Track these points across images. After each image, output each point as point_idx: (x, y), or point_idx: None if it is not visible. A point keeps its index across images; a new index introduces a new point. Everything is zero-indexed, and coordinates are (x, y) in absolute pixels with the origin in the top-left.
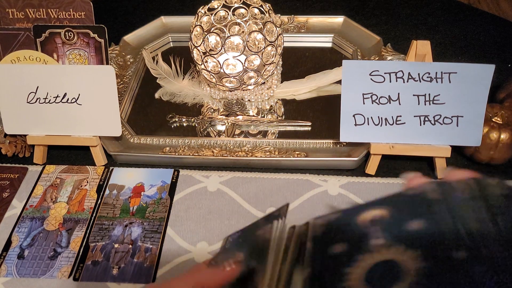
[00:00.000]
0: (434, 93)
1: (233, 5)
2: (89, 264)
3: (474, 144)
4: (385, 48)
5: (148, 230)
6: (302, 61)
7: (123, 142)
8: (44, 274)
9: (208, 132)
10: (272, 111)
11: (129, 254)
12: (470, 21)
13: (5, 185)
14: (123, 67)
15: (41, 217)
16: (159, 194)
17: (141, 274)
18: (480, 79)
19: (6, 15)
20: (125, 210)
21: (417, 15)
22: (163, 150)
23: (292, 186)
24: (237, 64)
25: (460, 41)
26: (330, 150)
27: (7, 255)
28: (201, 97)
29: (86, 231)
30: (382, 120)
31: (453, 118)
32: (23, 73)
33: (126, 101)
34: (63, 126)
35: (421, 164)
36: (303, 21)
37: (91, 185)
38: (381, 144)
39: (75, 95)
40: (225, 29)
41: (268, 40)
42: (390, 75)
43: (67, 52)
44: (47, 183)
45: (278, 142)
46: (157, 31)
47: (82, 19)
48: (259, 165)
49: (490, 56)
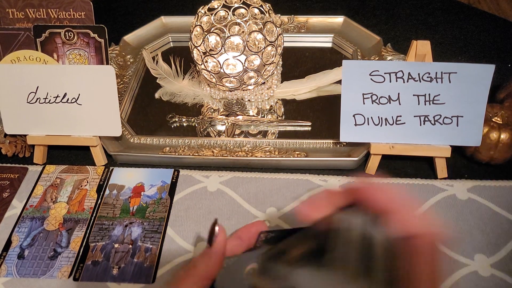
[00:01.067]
0: (434, 93)
1: (233, 5)
2: (89, 264)
3: (474, 144)
4: (385, 48)
5: (148, 230)
6: (302, 61)
7: (123, 142)
8: (44, 274)
9: (208, 132)
10: (272, 111)
11: (129, 254)
12: (470, 21)
13: (5, 185)
14: (123, 67)
15: (41, 217)
16: (159, 194)
17: (141, 274)
18: (480, 79)
19: (6, 15)
20: (125, 210)
21: (417, 15)
22: (163, 150)
23: (292, 186)
24: (237, 64)
25: (460, 41)
26: (330, 150)
27: (7, 255)
28: (201, 97)
29: (86, 231)
30: (382, 120)
31: (453, 118)
32: (23, 73)
33: (126, 101)
34: (63, 126)
35: (421, 164)
36: (303, 21)
37: (91, 185)
38: (381, 144)
39: (75, 95)
40: (225, 29)
41: (268, 40)
42: (390, 75)
43: (67, 52)
44: (47, 183)
45: (278, 142)
46: (157, 31)
47: (82, 19)
48: (259, 165)
49: (490, 56)
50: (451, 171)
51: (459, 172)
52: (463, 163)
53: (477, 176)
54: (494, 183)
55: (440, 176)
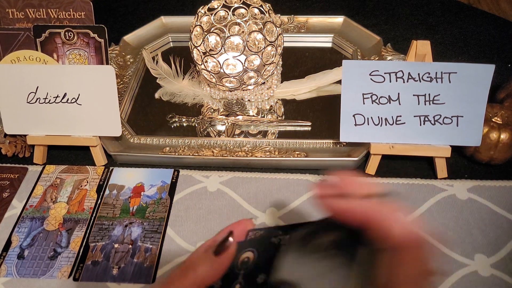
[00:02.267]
0: (434, 93)
1: (233, 5)
2: (89, 264)
3: (474, 144)
4: (385, 48)
5: (148, 230)
6: (302, 61)
7: (123, 142)
8: (44, 274)
9: (208, 132)
10: (272, 111)
11: (129, 254)
12: (470, 21)
13: (5, 185)
14: (123, 67)
15: (41, 217)
16: (159, 194)
17: (141, 274)
18: (480, 79)
19: (6, 15)
20: (125, 210)
21: (417, 15)
22: (163, 150)
23: (292, 186)
24: (237, 64)
25: (460, 41)
26: (330, 150)
27: (7, 255)
28: (201, 97)
29: (86, 231)
30: (382, 120)
31: (453, 118)
32: (23, 73)
33: (126, 101)
34: (63, 126)
35: (421, 164)
36: (303, 21)
37: (91, 185)
38: (381, 144)
39: (75, 95)
40: (225, 29)
41: (268, 40)
42: (390, 75)
43: (67, 52)
44: (47, 183)
45: (278, 142)
46: (157, 31)
47: (82, 19)
48: (259, 165)
49: (490, 56)
50: (451, 171)
51: (459, 172)
52: (463, 163)
53: (477, 176)
54: (494, 183)
55: (440, 176)
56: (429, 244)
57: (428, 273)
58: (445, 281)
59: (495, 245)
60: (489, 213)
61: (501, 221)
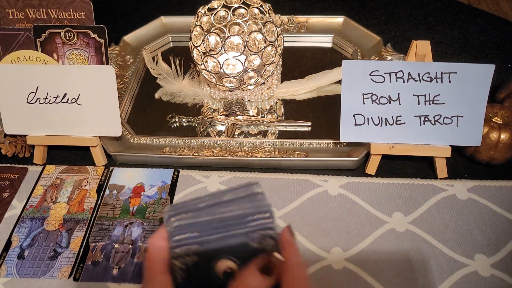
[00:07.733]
0: (434, 93)
1: (233, 5)
2: (89, 264)
3: (474, 144)
4: (385, 48)
5: (148, 230)
6: (302, 61)
7: (123, 142)
8: (44, 274)
9: (208, 132)
10: (272, 111)
11: (129, 254)
12: (470, 21)
13: (5, 185)
14: (123, 67)
15: (41, 217)
16: (159, 194)
17: (141, 274)
18: (480, 79)
19: (6, 15)
20: (125, 210)
21: (417, 15)
22: (163, 150)
23: (292, 186)
24: (237, 64)
25: (460, 41)
26: (330, 150)
27: (7, 255)
28: (201, 97)
29: (86, 231)
30: (382, 120)
31: (453, 118)
32: (23, 73)
33: (126, 101)
34: (63, 126)
35: (421, 164)
36: (303, 21)
37: (91, 185)
38: (381, 144)
39: (75, 95)
40: (225, 29)
41: (268, 40)
42: (390, 75)
43: (67, 52)
44: (47, 183)
45: (278, 142)
46: (157, 31)
47: (82, 19)
48: (259, 165)
49: (490, 56)
50: (451, 171)
51: (459, 172)
52: (463, 163)
53: (477, 176)
54: (494, 183)
55: (440, 176)
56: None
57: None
58: (445, 281)
59: (495, 245)
60: (489, 213)
61: (501, 221)
